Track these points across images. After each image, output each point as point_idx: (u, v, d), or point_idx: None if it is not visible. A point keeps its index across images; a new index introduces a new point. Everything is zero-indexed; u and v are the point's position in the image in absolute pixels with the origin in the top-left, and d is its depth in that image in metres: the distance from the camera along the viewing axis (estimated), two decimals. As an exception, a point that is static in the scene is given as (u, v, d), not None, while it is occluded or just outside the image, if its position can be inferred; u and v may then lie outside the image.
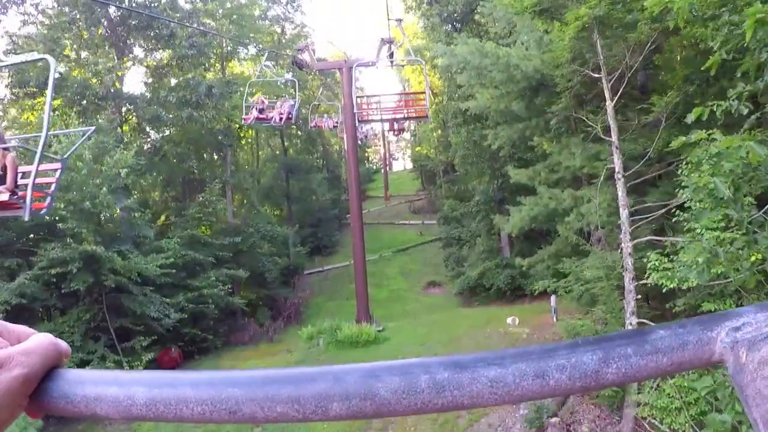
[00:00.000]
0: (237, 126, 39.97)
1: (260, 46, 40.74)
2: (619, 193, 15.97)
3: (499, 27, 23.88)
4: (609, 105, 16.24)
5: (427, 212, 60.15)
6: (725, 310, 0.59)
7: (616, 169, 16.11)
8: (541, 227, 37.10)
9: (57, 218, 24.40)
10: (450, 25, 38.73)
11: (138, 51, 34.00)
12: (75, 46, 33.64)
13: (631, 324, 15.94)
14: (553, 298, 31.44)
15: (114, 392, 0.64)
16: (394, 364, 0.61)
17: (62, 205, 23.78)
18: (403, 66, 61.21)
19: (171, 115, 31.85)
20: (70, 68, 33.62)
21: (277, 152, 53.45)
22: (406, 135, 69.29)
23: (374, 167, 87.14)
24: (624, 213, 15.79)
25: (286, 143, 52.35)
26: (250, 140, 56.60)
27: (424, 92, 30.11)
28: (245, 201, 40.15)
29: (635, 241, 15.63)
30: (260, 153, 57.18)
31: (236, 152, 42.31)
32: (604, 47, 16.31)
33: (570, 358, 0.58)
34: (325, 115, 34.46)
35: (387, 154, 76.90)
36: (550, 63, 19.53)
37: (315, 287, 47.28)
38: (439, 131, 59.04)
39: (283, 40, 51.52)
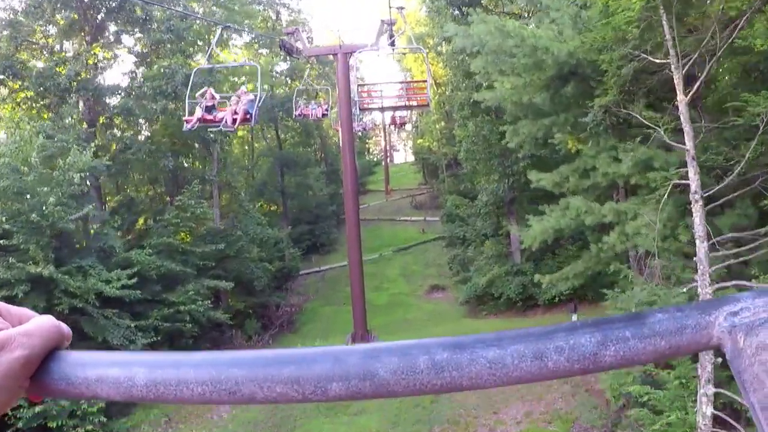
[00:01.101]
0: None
1: (246, 29, 36.01)
2: (696, 220, 11.52)
3: (522, 2, 19.27)
4: (681, 101, 11.76)
5: (429, 208, 55.69)
6: (723, 295, 0.57)
7: (693, 188, 11.62)
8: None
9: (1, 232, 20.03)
10: (457, 9, 34.00)
11: (111, 36, 29.28)
12: (44, 32, 29.05)
13: (705, 395, 11.59)
14: (574, 316, 27.08)
15: (115, 373, 0.62)
16: (394, 344, 0.59)
17: (4, 218, 19.44)
18: (404, 54, 56.60)
19: (144, 108, 27.26)
20: (34, 56, 29.12)
21: (273, 145, 48.84)
22: (408, 126, 64.52)
23: (375, 159, 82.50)
24: (703, 247, 11.30)
25: (281, 136, 47.72)
26: (245, 132, 52.09)
27: (426, 81, 27.51)
28: (233, 201, 35.63)
29: (719, 285, 11.18)
30: (257, 145, 52.73)
31: (228, 146, 37.70)
32: (675, 25, 11.78)
33: (568, 340, 0.56)
34: (312, 102, 29.77)
35: (388, 147, 72.25)
36: (590, 45, 15.02)
37: (311, 290, 42.98)
38: (443, 123, 54.43)
39: (279, 27, 46.85)
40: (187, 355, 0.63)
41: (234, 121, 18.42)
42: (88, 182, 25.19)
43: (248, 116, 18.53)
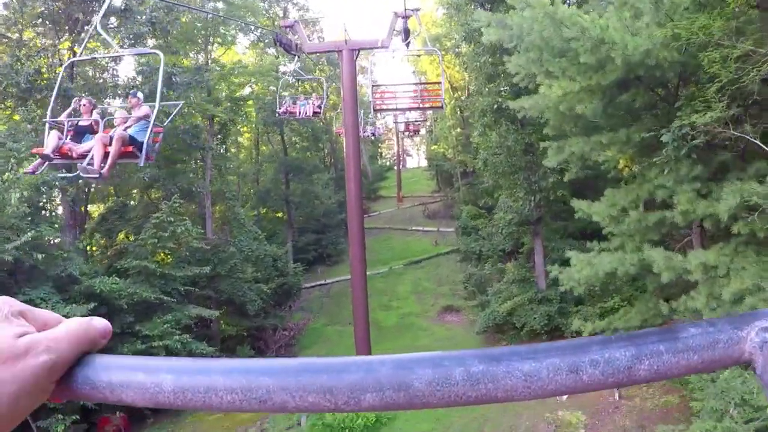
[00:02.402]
0: (219, 122, 31.03)
1: (243, 23, 31.47)
2: None
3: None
4: None
5: (443, 218, 50.98)
6: (756, 309, 0.56)
7: None
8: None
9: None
10: (478, 5, 29.25)
11: (83, 29, 24.83)
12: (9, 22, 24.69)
13: None
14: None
15: (141, 379, 0.59)
16: (427, 356, 0.57)
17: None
18: (419, 56, 51.87)
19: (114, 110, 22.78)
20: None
21: (278, 149, 44.37)
22: (422, 131, 59.75)
23: (387, 163, 77.84)
24: None
25: (289, 139, 43.26)
26: (250, 135, 47.73)
27: (440, 82, 24.62)
28: (228, 212, 31.11)
29: None
30: (264, 148, 48.32)
31: (227, 151, 33.29)
32: None
33: (603, 354, 0.55)
34: (302, 98, 24.82)
35: (400, 152, 67.51)
36: (682, 41, 10.32)
37: (315, 306, 38.52)
38: (459, 129, 49.66)
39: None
40: (216, 362, 0.59)
41: (105, 157, 8.71)
42: (53, 197, 20.79)
43: (133, 147, 9.00)
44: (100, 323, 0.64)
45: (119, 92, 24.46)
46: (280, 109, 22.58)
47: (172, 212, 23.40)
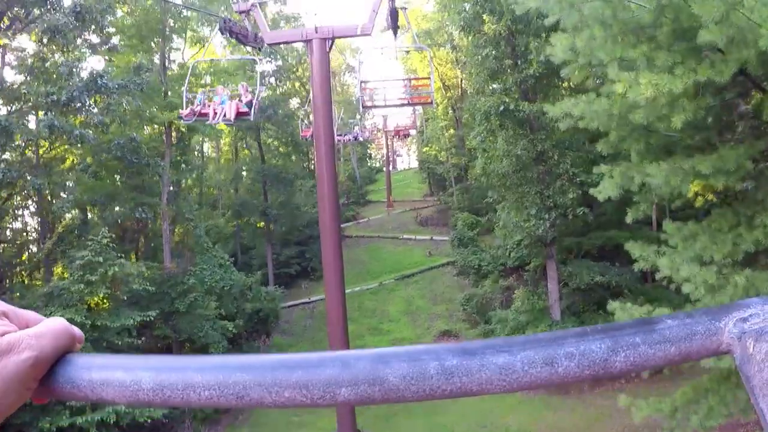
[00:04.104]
0: (178, 130, 25.44)
1: (184, 8, 25.54)
2: None
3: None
4: None
5: (436, 224, 45.60)
6: (733, 301, 0.54)
7: None
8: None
9: None
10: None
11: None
12: None
13: None
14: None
15: (120, 377, 0.57)
16: (403, 350, 0.55)
17: None
18: (407, 53, 46.35)
19: (24, 128, 17.19)
20: None
21: (255, 153, 38.68)
22: (412, 131, 54.20)
23: (377, 164, 72.27)
24: None
25: (265, 144, 37.58)
26: (228, 140, 42.07)
27: (429, 77, 21.16)
28: (188, 236, 25.51)
29: None
30: (245, 152, 42.68)
31: (187, 164, 27.65)
32: None
33: (579, 346, 0.53)
34: (219, 89, 16.50)
35: (390, 155, 61.87)
36: None
37: (297, 329, 33.15)
38: (452, 130, 44.23)
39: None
40: (193, 358, 0.58)
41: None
42: None
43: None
44: (78, 329, 0.62)
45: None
46: (183, 111, 15.74)
47: (101, 250, 17.76)
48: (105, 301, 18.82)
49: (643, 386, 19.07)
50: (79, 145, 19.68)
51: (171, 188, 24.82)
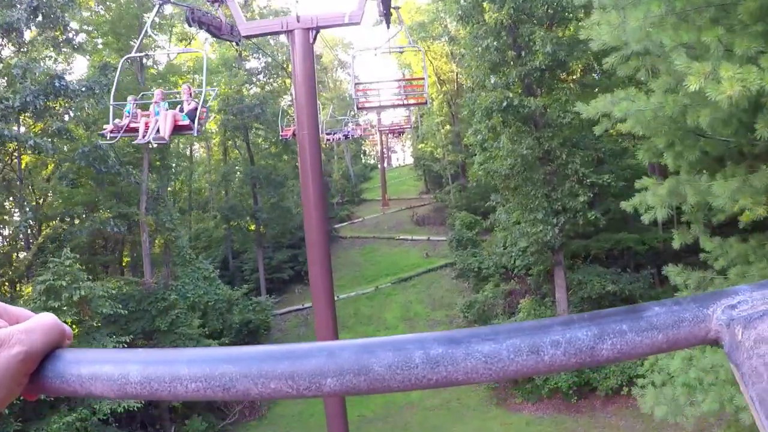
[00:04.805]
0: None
1: None
2: None
3: None
4: None
5: (433, 224, 43.60)
6: (721, 288, 0.53)
7: None
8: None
9: None
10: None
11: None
12: None
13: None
14: None
15: (108, 371, 0.57)
16: (389, 339, 0.54)
17: None
18: (402, 52, 44.20)
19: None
20: None
21: (245, 154, 36.52)
22: (407, 127, 52.06)
23: (371, 161, 70.15)
24: None
25: (255, 145, 35.42)
26: (218, 139, 39.85)
27: (423, 78, 19.44)
28: (170, 248, 23.36)
29: None
30: (232, 155, 40.48)
31: (167, 168, 25.49)
32: None
33: (565, 334, 0.52)
34: (158, 93, 11.87)
35: (384, 152, 59.69)
36: None
37: (289, 339, 31.01)
38: (448, 126, 42.16)
39: (248, 15, 34.48)
40: (181, 351, 0.57)
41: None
42: None
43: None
44: (67, 326, 0.61)
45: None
46: (108, 126, 11.54)
47: (64, 272, 15.61)
48: (73, 327, 16.75)
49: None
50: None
51: (151, 195, 22.62)
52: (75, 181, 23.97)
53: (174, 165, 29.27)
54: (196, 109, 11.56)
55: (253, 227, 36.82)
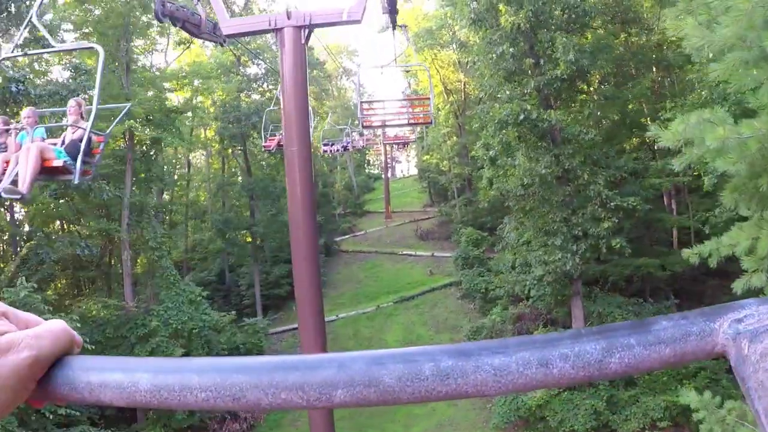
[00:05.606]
0: (141, 143, 21.24)
1: None
2: None
3: None
4: None
5: (437, 238, 41.34)
6: (728, 303, 0.52)
7: None
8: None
9: None
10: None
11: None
12: None
13: None
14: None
15: (118, 378, 0.56)
16: (399, 351, 0.54)
17: None
18: (407, 55, 42.21)
19: None
20: None
21: (242, 168, 34.43)
22: (411, 136, 49.95)
23: (374, 170, 68.04)
24: None
25: (252, 156, 33.30)
26: (218, 146, 37.78)
27: (429, 97, 19.27)
28: (153, 268, 21.19)
29: None
30: (231, 164, 38.41)
31: (151, 180, 23.35)
32: None
33: (573, 347, 0.51)
34: (27, 113, 7.63)
35: (388, 163, 57.54)
36: None
37: (286, 361, 28.89)
38: (454, 138, 40.00)
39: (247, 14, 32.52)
40: (191, 360, 0.56)
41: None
42: None
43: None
44: (77, 334, 0.61)
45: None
46: None
47: (24, 301, 13.45)
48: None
49: None
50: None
51: (135, 209, 20.47)
52: (56, 191, 21.96)
53: (165, 177, 27.17)
54: (79, 139, 7.21)
55: (250, 239, 34.71)
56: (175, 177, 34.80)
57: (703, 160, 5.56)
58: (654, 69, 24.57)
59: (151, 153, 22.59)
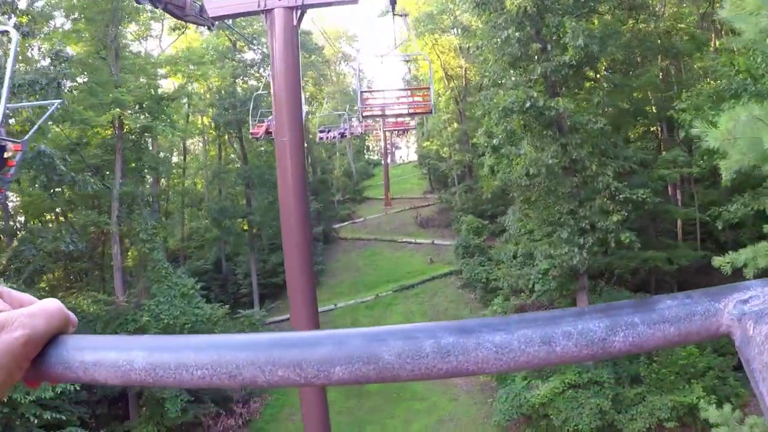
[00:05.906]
0: (131, 131, 20.32)
1: None
2: None
3: None
4: None
5: (437, 226, 40.56)
6: (733, 283, 0.52)
7: None
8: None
9: None
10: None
11: None
12: None
13: None
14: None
15: (113, 357, 0.55)
16: (399, 328, 0.53)
17: None
18: (408, 41, 40.99)
19: None
20: None
21: (237, 151, 33.53)
22: (411, 122, 48.91)
23: (373, 156, 67.08)
24: None
25: (248, 143, 32.37)
26: (214, 133, 36.85)
27: (428, 87, 19.67)
28: (144, 262, 20.44)
29: None
30: (226, 152, 37.50)
31: (142, 169, 22.52)
32: None
33: (577, 325, 0.51)
34: None
35: (387, 150, 56.45)
36: None
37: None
38: (455, 124, 38.99)
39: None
40: (188, 338, 0.55)
41: None
42: None
43: None
44: (72, 313, 0.60)
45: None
46: None
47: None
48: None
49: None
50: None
51: (125, 201, 19.64)
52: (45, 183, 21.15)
53: (160, 165, 26.27)
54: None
55: (246, 227, 33.94)
56: (174, 162, 33.94)
57: (756, 164, 4.74)
58: (660, 57, 23.64)
59: (142, 142, 21.69)
